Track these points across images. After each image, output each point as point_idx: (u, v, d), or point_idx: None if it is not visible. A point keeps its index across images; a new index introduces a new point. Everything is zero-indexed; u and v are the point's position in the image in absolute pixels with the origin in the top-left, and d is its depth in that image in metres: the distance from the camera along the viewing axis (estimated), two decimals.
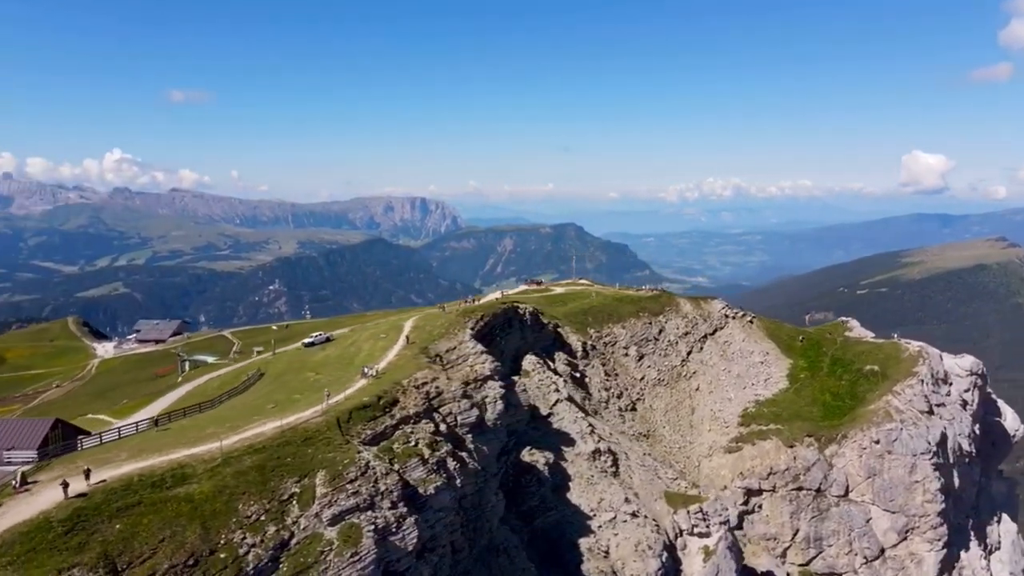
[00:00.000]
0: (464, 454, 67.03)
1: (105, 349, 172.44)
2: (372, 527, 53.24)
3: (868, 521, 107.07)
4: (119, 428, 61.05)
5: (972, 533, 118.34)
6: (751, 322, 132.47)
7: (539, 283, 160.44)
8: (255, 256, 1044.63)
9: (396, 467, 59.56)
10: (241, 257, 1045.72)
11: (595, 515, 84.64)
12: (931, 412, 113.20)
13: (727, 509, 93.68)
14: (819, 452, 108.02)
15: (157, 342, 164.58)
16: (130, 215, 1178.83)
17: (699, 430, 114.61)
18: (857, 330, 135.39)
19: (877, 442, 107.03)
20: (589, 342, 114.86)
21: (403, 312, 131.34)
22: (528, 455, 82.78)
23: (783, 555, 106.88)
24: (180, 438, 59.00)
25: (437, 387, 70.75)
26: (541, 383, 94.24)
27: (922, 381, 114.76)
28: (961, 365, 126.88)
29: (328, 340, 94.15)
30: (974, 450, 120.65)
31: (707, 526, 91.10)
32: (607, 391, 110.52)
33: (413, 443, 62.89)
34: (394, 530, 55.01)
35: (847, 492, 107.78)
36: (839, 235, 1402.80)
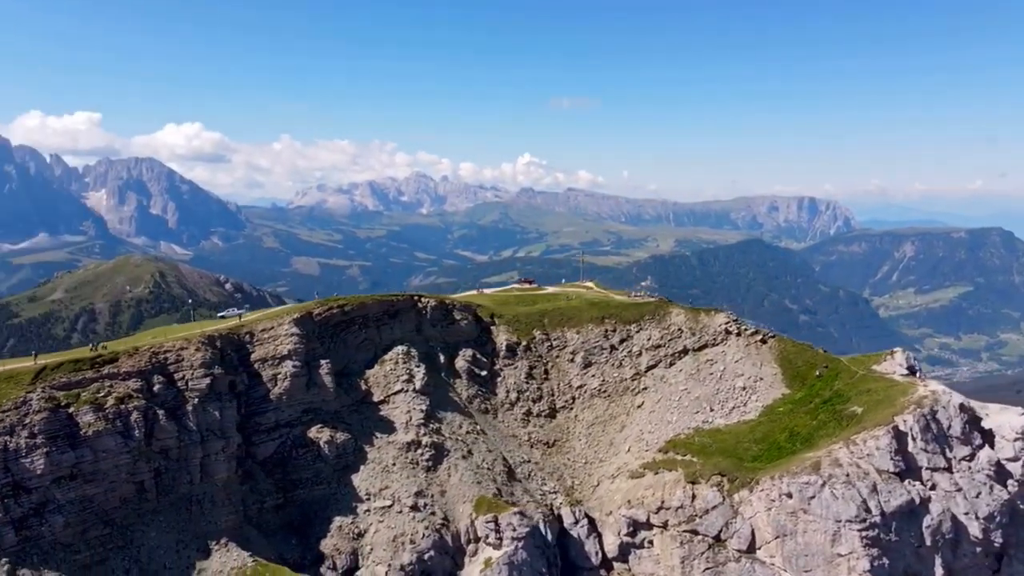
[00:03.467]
0: (163, 412, 79.68)
1: None
2: (1, 448, 70.83)
3: None
4: None
5: None
6: (763, 342, 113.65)
7: (531, 282, 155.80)
8: (633, 252, 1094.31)
9: (71, 409, 75.80)
10: (620, 253, 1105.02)
11: (370, 499, 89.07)
12: (905, 475, 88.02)
13: (526, 527, 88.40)
14: (724, 496, 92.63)
15: None
16: (532, 212, 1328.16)
17: (617, 449, 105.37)
18: (892, 364, 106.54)
19: (789, 496, 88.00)
20: (525, 343, 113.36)
21: None
22: (316, 432, 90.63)
23: None
24: None
25: (179, 355, 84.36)
26: (391, 372, 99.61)
27: (899, 433, 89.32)
28: (1013, 425, 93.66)
29: (240, 316, 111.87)
30: (1000, 539, 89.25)
31: (499, 538, 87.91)
32: (520, 393, 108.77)
33: (103, 394, 78.07)
34: (24, 455, 71.72)
35: (752, 548, 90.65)
36: None
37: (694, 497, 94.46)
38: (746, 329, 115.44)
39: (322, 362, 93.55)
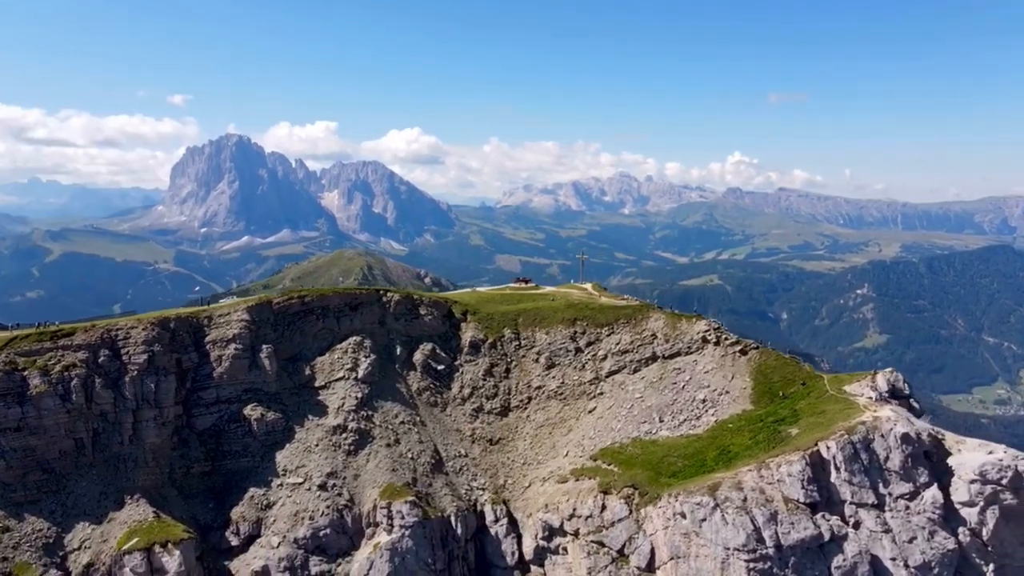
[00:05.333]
0: (99, 380, 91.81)
1: None
2: None
3: None
4: None
5: None
6: (742, 352, 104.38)
7: (527, 281, 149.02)
8: (850, 257, 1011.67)
9: (25, 372, 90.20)
10: (835, 258, 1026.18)
11: (286, 475, 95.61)
12: (820, 507, 78.28)
13: (415, 517, 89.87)
14: (632, 509, 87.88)
15: None
16: (738, 213, 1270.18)
17: (557, 453, 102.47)
18: (862, 386, 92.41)
19: (683, 516, 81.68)
20: (492, 340, 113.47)
21: None
22: (250, 409, 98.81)
23: None
24: None
25: (128, 333, 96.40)
26: (337, 360, 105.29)
27: (820, 460, 79.45)
28: (973, 463, 78.73)
29: (208, 303, 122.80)
30: None
31: (390, 524, 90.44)
32: (474, 389, 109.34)
33: (54, 362, 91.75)
34: None
35: (652, 566, 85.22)
36: None
37: (604, 508, 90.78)
38: (726, 339, 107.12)
39: (264, 347, 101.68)
